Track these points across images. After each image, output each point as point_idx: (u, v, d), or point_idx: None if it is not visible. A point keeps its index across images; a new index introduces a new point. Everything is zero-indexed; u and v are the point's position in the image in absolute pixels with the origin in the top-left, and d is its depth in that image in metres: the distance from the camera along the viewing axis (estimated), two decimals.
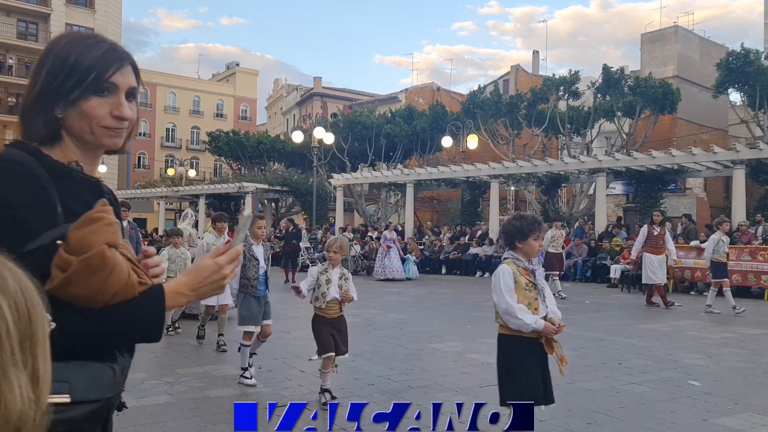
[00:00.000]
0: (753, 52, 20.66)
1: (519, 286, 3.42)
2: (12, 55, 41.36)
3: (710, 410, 4.57)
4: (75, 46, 1.23)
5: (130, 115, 1.26)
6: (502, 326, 3.66)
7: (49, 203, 1.13)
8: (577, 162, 20.04)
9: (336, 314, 4.70)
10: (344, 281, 4.70)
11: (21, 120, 1.34)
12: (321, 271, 4.67)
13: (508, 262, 3.51)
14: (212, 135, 36.18)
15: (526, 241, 3.45)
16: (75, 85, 1.20)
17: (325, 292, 4.63)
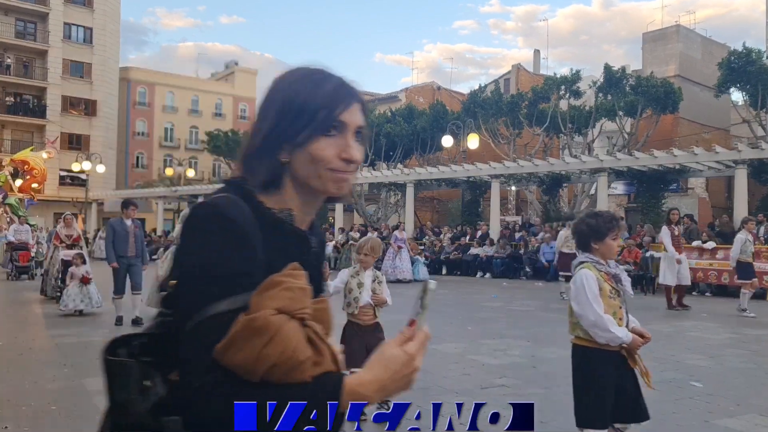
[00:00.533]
0: (755, 51, 20.61)
1: (603, 294, 3.04)
2: (10, 55, 41.32)
3: (712, 411, 4.54)
4: (304, 84, 1.14)
5: (358, 158, 1.14)
6: (580, 338, 3.31)
7: (250, 265, 1.03)
8: (578, 162, 20.00)
9: (370, 321, 4.34)
10: (377, 284, 4.38)
11: (243, 164, 1.25)
12: (352, 274, 4.36)
13: (588, 266, 3.11)
14: (211, 135, 36.17)
15: (603, 242, 3.08)
16: (304, 125, 1.11)
17: (357, 297, 4.30)
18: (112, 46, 45.78)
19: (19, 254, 16.13)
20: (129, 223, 8.58)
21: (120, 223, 8.55)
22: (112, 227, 8.55)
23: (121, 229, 8.48)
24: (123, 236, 8.43)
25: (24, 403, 4.55)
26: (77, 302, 9.09)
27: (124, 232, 8.46)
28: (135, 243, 8.56)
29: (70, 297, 9.11)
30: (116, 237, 8.41)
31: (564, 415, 4.40)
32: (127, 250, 8.44)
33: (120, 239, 8.42)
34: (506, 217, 25.94)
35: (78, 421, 4.15)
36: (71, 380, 5.26)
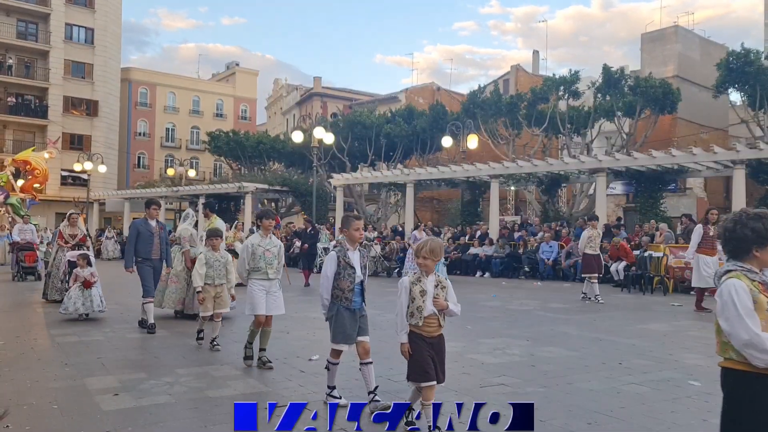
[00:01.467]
0: (753, 52, 20.65)
1: (760, 308, 2.52)
2: (12, 55, 41.36)
3: (710, 410, 4.57)
4: None
5: None
6: (732, 360, 2.74)
7: None
8: (577, 162, 20.04)
9: (436, 332, 3.92)
10: (441, 290, 3.95)
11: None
12: (413, 281, 3.95)
13: (738, 275, 2.59)
14: (212, 135, 36.18)
15: (766, 249, 2.57)
16: None
17: (422, 306, 3.88)
18: (114, 47, 45.81)
19: (25, 254, 15.73)
20: (153, 223, 8.06)
21: (144, 224, 8.03)
22: (136, 228, 7.99)
23: (145, 230, 7.96)
24: (147, 237, 7.94)
25: (25, 402, 4.58)
26: (78, 306, 8.64)
27: (148, 233, 7.96)
28: (159, 245, 8.05)
29: (71, 300, 8.69)
30: (140, 238, 7.89)
31: (563, 414, 4.43)
32: (151, 252, 7.94)
33: (144, 241, 7.92)
34: (505, 217, 25.98)
35: (79, 421, 4.18)
36: (72, 380, 5.29)
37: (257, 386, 5.16)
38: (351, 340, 4.54)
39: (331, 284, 4.53)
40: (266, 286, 5.79)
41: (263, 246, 5.83)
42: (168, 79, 53.51)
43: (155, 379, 5.31)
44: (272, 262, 5.82)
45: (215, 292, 6.72)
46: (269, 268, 5.80)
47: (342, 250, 4.57)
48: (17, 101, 41.54)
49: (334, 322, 4.56)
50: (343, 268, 4.52)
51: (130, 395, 4.79)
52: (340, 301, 4.53)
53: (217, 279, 6.73)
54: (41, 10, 41.95)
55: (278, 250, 5.95)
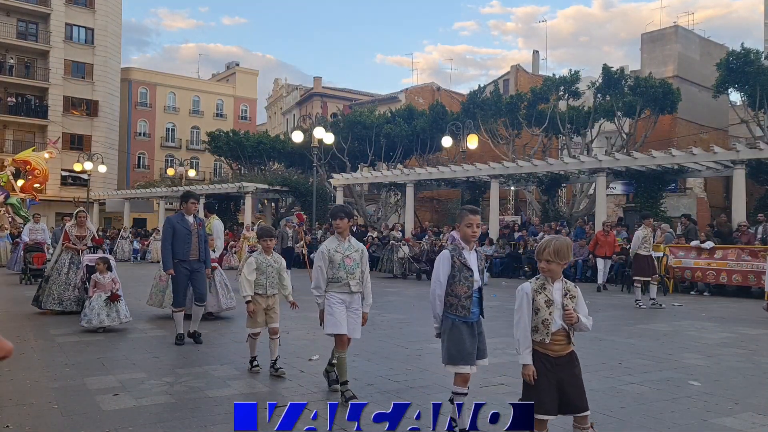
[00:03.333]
0: (753, 52, 20.64)
1: None
2: (12, 55, 41.37)
3: (710, 410, 4.57)
4: None
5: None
6: None
7: None
8: (577, 162, 20.04)
9: (564, 350, 3.26)
10: (570, 300, 3.27)
11: None
12: (536, 288, 3.29)
13: None
14: (212, 135, 36.20)
15: None
16: None
17: (548, 320, 3.23)
18: (114, 47, 45.82)
19: (33, 256, 14.65)
20: (191, 220, 7.01)
21: (181, 220, 6.95)
22: (171, 225, 6.93)
23: (182, 228, 6.90)
24: (184, 236, 6.88)
25: (25, 402, 4.58)
26: (102, 317, 7.72)
27: (185, 231, 6.90)
28: (198, 244, 7.03)
29: (94, 311, 7.72)
30: (176, 237, 6.86)
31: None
32: (188, 252, 6.91)
33: (180, 239, 6.87)
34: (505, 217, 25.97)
35: (79, 421, 4.18)
36: (73, 380, 5.29)
37: (257, 386, 5.16)
38: (472, 359, 3.75)
39: (444, 290, 3.79)
40: (346, 300, 4.72)
41: (341, 252, 4.76)
42: (168, 79, 53.53)
43: (155, 379, 5.31)
44: (353, 270, 4.75)
45: (267, 303, 5.53)
46: (351, 278, 4.72)
47: (456, 249, 3.88)
48: (17, 101, 41.54)
49: (448, 338, 3.77)
50: (459, 270, 3.79)
51: (130, 395, 4.79)
52: (456, 311, 3.78)
53: (270, 288, 5.56)
54: (41, 10, 41.96)
55: (360, 256, 4.86)
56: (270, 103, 60.69)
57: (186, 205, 7.06)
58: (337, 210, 4.93)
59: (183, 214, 7.02)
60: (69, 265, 9.30)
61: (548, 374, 3.21)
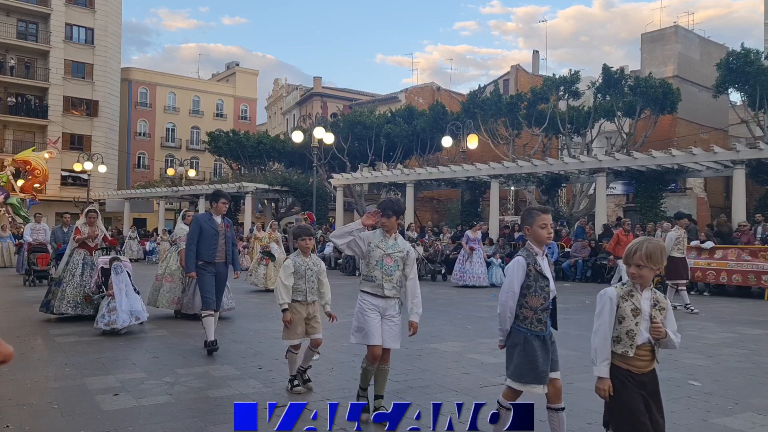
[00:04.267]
0: (753, 52, 20.65)
1: None
2: (12, 55, 41.37)
3: (710, 410, 4.57)
4: None
5: None
6: None
7: None
8: (577, 162, 20.04)
9: (648, 368, 2.94)
10: (659, 312, 2.94)
11: None
12: (622, 295, 2.94)
13: None
14: (212, 135, 36.22)
15: None
16: None
17: (633, 331, 2.88)
18: (114, 47, 45.83)
19: (37, 257, 14.13)
20: (219, 220, 6.63)
21: (209, 220, 6.58)
22: (198, 224, 6.55)
23: (209, 228, 6.52)
24: (211, 237, 6.50)
25: (25, 402, 4.58)
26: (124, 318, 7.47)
27: (212, 232, 6.52)
28: (225, 246, 6.63)
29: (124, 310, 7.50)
30: (203, 237, 6.46)
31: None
32: (214, 254, 6.50)
33: (207, 240, 6.47)
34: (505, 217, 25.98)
35: (79, 421, 4.18)
36: (73, 380, 5.28)
37: (257, 386, 5.16)
38: (544, 378, 3.33)
39: (516, 301, 3.34)
40: (380, 306, 4.13)
41: (383, 248, 4.16)
42: (168, 79, 53.53)
43: (155, 379, 5.31)
44: (392, 273, 4.14)
45: (307, 311, 4.88)
46: (386, 281, 4.12)
47: (530, 255, 3.38)
48: (17, 101, 41.54)
49: (518, 353, 3.34)
50: (534, 279, 3.33)
51: (130, 395, 4.79)
52: (530, 325, 3.33)
53: (310, 294, 4.90)
54: (41, 10, 41.95)
55: (403, 258, 4.20)
56: (270, 103, 60.68)
57: (216, 204, 6.64)
58: (387, 206, 4.26)
59: (211, 214, 6.65)
60: (83, 266, 8.70)
61: (635, 394, 2.85)
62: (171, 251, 9.65)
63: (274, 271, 13.00)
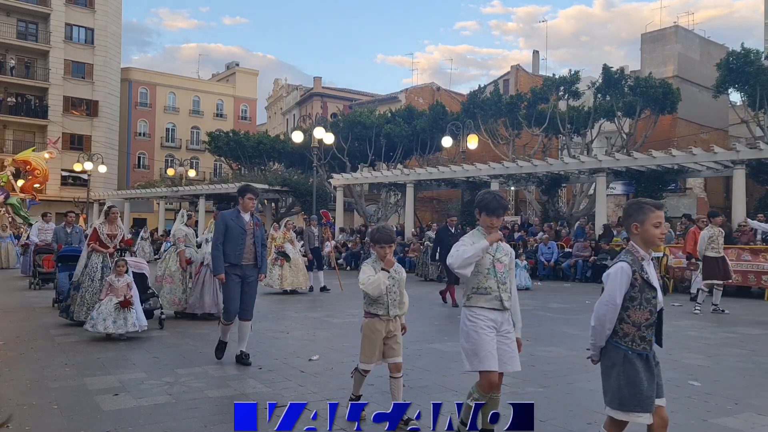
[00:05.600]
0: (753, 52, 20.64)
1: None
2: (12, 55, 41.38)
3: (710, 410, 4.57)
4: None
5: None
6: None
7: None
8: (577, 162, 20.04)
9: None
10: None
11: None
12: None
13: None
14: (212, 135, 36.21)
15: None
16: None
17: None
18: (114, 47, 45.84)
19: (44, 258, 13.12)
20: (247, 218, 6.02)
21: (236, 217, 5.96)
22: (224, 222, 5.93)
23: (236, 226, 5.89)
24: (238, 236, 5.88)
25: (25, 402, 4.58)
26: (108, 323, 7.04)
27: (239, 231, 5.89)
28: (254, 247, 5.98)
29: (101, 316, 7.08)
30: (228, 236, 5.87)
31: (563, 414, 4.43)
32: (241, 256, 5.87)
33: (234, 240, 5.86)
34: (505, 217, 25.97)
35: (79, 421, 4.18)
36: (72, 380, 5.29)
37: (257, 386, 5.16)
38: (650, 405, 2.86)
39: (617, 314, 2.85)
40: (497, 321, 3.54)
41: (491, 253, 3.58)
42: (168, 79, 53.55)
43: (155, 379, 5.31)
44: (506, 280, 3.60)
45: (387, 329, 4.11)
46: (503, 290, 3.55)
47: (635, 260, 2.86)
48: (17, 101, 41.55)
49: (617, 375, 2.89)
50: (640, 289, 2.84)
51: (130, 395, 4.79)
52: (631, 343, 2.86)
53: (392, 307, 4.11)
54: (41, 10, 41.97)
55: (510, 261, 3.69)
56: (270, 103, 60.69)
57: (242, 200, 6.05)
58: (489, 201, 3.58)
59: (239, 211, 6.02)
60: (102, 269, 8.19)
61: None
62: (170, 252, 9.65)
63: (289, 272, 12.68)
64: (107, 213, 8.42)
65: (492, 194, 3.64)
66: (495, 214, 3.57)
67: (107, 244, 8.26)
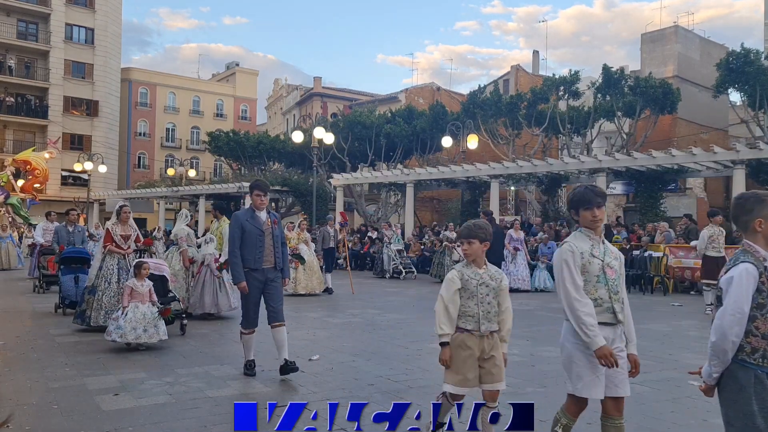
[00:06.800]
0: (753, 52, 20.64)
1: None
2: (12, 55, 41.38)
3: (710, 410, 4.57)
4: None
5: None
6: None
7: None
8: (577, 162, 20.04)
9: None
10: None
11: None
12: None
13: None
14: (212, 135, 36.23)
15: None
16: None
17: None
18: (114, 47, 45.84)
19: (48, 260, 12.19)
20: (263, 216, 5.51)
21: (251, 217, 5.45)
22: (239, 223, 5.43)
23: (252, 227, 5.40)
24: (255, 238, 5.39)
25: (25, 402, 4.59)
26: (139, 332, 6.43)
27: (257, 231, 5.40)
28: (273, 248, 5.49)
29: (130, 324, 6.41)
30: (246, 239, 5.37)
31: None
32: (260, 259, 5.39)
33: (251, 243, 5.37)
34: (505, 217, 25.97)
35: (79, 421, 4.18)
36: (73, 379, 5.29)
37: (257, 386, 5.16)
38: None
39: (744, 326, 2.40)
40: (608, 336, 3.03)
41: (599, 256, 3.06)
42: (168, 79, 53.56)
43: (155, 379, 5.31)
44: (618, 288, 3.06)
45: (481, 347, 3.37)
46: (615, 301, 3.04)
47: (759, 261, 2.46)
48: (17, 101, 41.54)
49: (746, 401, 2.39)
50: (767, 296, 2.42)
51: (130, 395, 4.79)
52: (761, 360, 2.40)
53: (485, 321, 3.38)
54: (41, 10, 41.96)
55: (621, 265, 3.15)
56: (270, 103, 60.70)
57: (251, 198, 5.56)
58: (582, 194, 3.10)
59: (253, 210, 5.52)
60: (118, 272, 7.84)
61: None
62: (172, 251, 9.64)
63: (303, 275, 12.20)
64: (119, 213, 8.03)
65: (584, 186, 3.18)
66: (594, 204, 3.05)
67: (121, 245, 7.91)
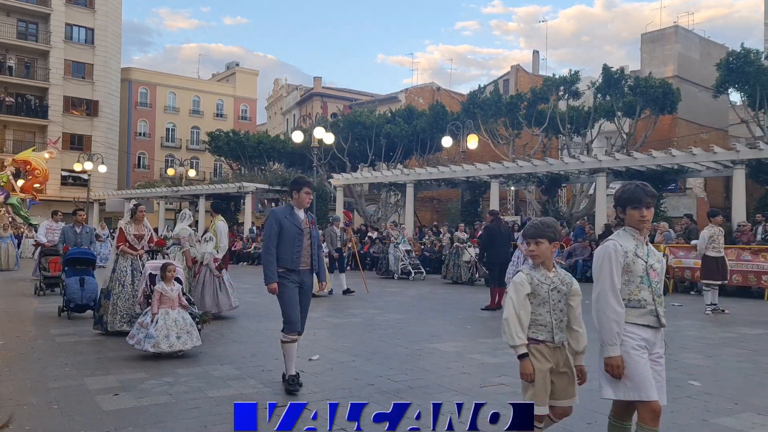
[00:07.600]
0: (753, 52, 20.65)
1: None
2: (12, 55, 41.39)
3: (710, 410, 4.57)
4: None
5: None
6: None
7: None
8: (577, 162, 20.04)
9: None
10: None
11: None
12: None
13: None
14: (212, 135, 36.24)
15: None
16: None
17: None
18: (114, 47, 45.84)
19: (50, 261, 11.77)
20: (302, 215, 5.11)
21: (290, 214, 5.05)
22: (277, 220, 5.02)
23: (291, 225, 4.99)
24: (294, 237, 4.98)
25: (25, 402, 4.59)
26: (172, 340, 6.02)
27: (295, 230, 4.99)
28: (311, 249, 5.12)
29: (162, 332, 6.00)
30: (283, 238, 4.96)
31: None
32: (299, 260, 5.01)
33: (290, 241, 4.97)
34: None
35: (79, 421, 4.18)
36: (73, 379, 5.29)
37: (257, 386, 5.16)
38: None
39: None
40: (650, 341, 2.94)
41: (642, 257, 2.96)
42: (168, 79, 53.56)
43: (155, 379, 5.31)
44: (660, 291, 2.99)
45: (555, 360, 3.09)
46: (659, 304, 2.96)
47: None
48: (17, 101, 41.55)
49: None
50: None
51: (130, 395, 4.79)
52: None
53: (558, 331, 3.09)
54: (41, 10, 41.97)
55: (662, 269, 3.05)
56: (270, 103, 60.69)
57: (298, 195, 5.08)
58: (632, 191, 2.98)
59: (292, 207, 5.10)
60: (132, 273, 7.57)
61: None
62: (174, 251, 9.62)
63: None
64: (133, 212, 7.86)
65: (633, 184, 3.04)
66: (642, 203, 2.94)
67: (134, 245, 7.70)
